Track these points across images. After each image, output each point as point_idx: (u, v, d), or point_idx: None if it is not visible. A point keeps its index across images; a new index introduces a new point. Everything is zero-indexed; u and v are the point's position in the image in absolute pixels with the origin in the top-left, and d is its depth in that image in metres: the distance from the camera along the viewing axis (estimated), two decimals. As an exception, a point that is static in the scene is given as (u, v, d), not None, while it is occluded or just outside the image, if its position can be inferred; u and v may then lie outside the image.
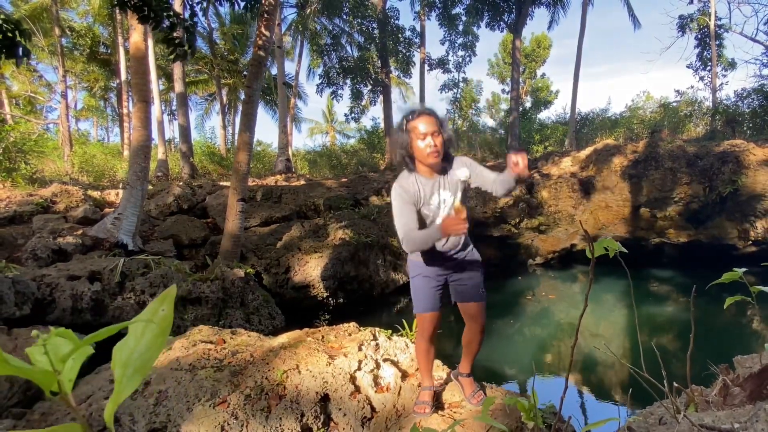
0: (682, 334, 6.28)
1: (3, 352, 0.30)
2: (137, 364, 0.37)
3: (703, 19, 16.64)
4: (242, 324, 5.13)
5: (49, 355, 0.34)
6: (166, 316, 0.39)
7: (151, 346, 0.38)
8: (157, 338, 0.38)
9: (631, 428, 1.14)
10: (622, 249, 1.01)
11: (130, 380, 0.36)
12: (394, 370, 2.76)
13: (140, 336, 0.38)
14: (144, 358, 0.37)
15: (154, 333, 0.38)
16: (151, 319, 0.39)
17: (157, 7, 4.72)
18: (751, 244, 9.39)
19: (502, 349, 5.89)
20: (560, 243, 10.66)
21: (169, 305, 0.40)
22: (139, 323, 0.39)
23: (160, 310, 0.39)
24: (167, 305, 0.40)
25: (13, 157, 9.89)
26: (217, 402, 2.46)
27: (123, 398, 0.36)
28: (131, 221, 6.47)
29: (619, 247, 1.01)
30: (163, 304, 0.40)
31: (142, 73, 6.70)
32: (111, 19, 17.42)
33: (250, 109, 6.61)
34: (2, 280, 4.05)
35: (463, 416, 2.40)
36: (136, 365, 0.37)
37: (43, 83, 23.61)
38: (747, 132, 13.45)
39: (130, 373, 0.36)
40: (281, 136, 14.85)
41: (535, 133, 19.18)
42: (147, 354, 0.37)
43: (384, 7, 16.45)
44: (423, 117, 2.20)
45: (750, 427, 1.00)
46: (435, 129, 2.18)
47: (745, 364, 1.53)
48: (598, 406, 4.44)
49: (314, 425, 2.49)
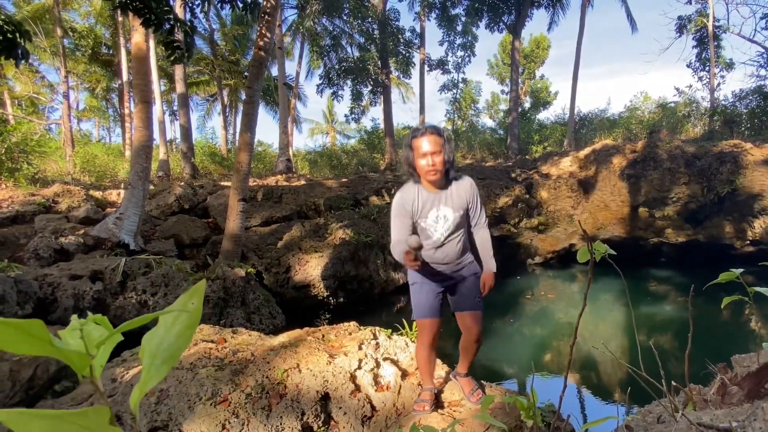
0: (680, 333, 6.28)
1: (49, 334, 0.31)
2: (165, 354, 0.38)
3: (701, 20, 16.64)
4: (243, 323, 5.13)
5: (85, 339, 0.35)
6: (196, 308, 0.40)
7: (180, 337, 0.38)
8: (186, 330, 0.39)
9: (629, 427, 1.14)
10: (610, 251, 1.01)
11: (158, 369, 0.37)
12: (394, 369, 2.76)
13: (170, 326, 0.39)
14: (173, 348, 0.38)
15: (183, 324, 0.39)
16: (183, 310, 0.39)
17: (158, 10, 4.72)
18: (749, 244, 9.39)
19: (502, 348, 5.89)
20: (559, 243, 10.66)
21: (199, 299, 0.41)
22: (169, 314, 0.39)
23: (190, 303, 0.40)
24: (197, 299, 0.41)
25: (16, 157, 9.88)
26: (218, 401, 2.46)
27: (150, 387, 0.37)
28: (133, 221, 6.47)
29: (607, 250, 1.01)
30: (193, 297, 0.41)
31: (143, 73, 6.70)
32: (113, 20, 17.43)
33: (251, 109, 6.61)
34: (4, 279, 4.05)
35: (463, 415, 2.40)
36: (165, 355, 0.37)
37: (45, 84, 23.59)
38: (745, 132, 13.45)
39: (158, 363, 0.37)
40: (282, 137, 14.84)
41: (535, 133, 19.18)
42: (176, 344, 0.38)
43: (384, 8, 16.45)
44: (426, 136, 2.27)
45: (748, 426, 1.00)
46: (437, 149, 2.25)
47: (742, 363, 1.53)
48: (596, 405, 4.44)
49: (315, 424, 2.49)
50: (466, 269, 2.46)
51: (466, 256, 2.49)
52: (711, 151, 10.07)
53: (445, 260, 2.41)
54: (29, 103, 22.53)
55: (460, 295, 2.46)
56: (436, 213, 2.34)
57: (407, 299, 7.96)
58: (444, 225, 2.35)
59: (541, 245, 10.72)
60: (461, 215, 2.37)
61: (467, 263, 2.48)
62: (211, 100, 26.17)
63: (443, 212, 2.34)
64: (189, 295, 0.41)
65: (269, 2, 6.43)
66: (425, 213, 2.34)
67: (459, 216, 2.36)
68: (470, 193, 2.40)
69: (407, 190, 2.36)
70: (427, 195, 2.34)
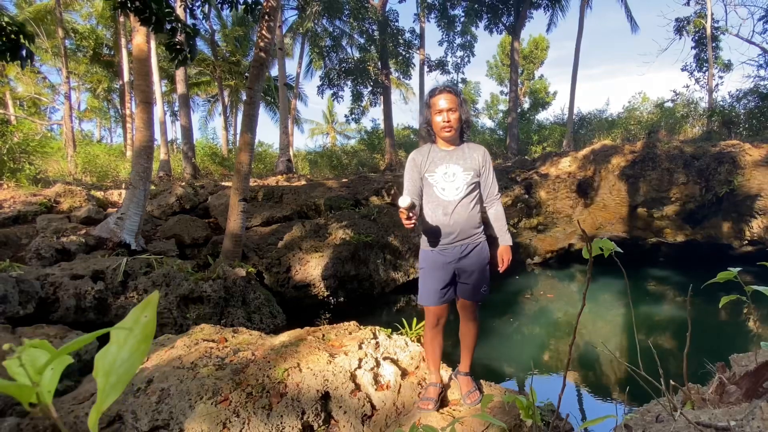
0: (678, 332, 6.28)
1: None
2: (120, 371, 0.36)
3: (699, 22, 16.64)
4: (244, 323, 5.13)
5: (26, 367, 0.33)
6: (148, 322, 0.38)
7: (133, 354, 0.37)
8: (139, 345, 0.37)
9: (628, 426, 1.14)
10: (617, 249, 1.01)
11: (113, 388, 0.35)
12: (394, 369, 2.76)
13: (123, 343, 0.38)
14: (126, 366, 0.36)
15: (137, 340, 0.37)
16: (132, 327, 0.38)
17: (158, 11, 4.72)
18: (747, 244, 9.39)
19: (501, 347, 5.89)
20: (558, 242, 10.66)
21: (152, 311, 0.39)
22: (122, 330, 0.38)
23: (143, 317, 0.39)
24: (149, 311, 0.39)
25: (17, 157, 9.88)
26: (219, 400, 2.46)
27: (106, 407, 0.35)
28: (134, 221, 6.47)
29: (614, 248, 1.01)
30: (145, 310, 0.39)
31: (144, 74, 6.70)
32: (114, 21, 17.43)
33: (252, 110, 6.61)
34: (6, 279, 4.05)
35: (463, 414, 2.40)
36: (119, 373, 0.36)
37: (46, 84, 23.61)
38: (743, 133, 13.45)
39: (113, 382, 0.36)
40: (282, 137, 14.84)
41: (534, 133, 19.17)
42: (129, 362, 0.37)
43: (384, 9, 16.45)
44: (443, 94, 2.32)
45: (746, 425, 1.00)
46: (452, 106, 2.31)
47: (740, 362, 1.53)
48: (595, 404, 4.44)
49: (315, 423, 2.49)
50: (475, 254, 2.38)
51: (477, 234, 2.41)
52: (709, 151, 10.07)
53: (455, 231, 2.34)
54: (31, 103, 22.53)
55: (467, 286, 2.44)
56: (445, 169, 2.35)
57: (407, 299, 7.99)
58: (453, 184, 2.34)
59: (540, 245, 10.72)
60: (471, 177, 2.36)
61: (477, 244, 2.40)
62: (213, 101, 26.18)
63: (452, 169, 2.35)
64: (141, 308, 0.39)
65: (269, 3, 6.42)
66: (433, 168, 2.37)
67: (469, 177, 2.35)
68: (483, 158, 2.42)
69: (419, 149, 2.46)
70: (439, 151, 2.40)
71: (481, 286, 2.44)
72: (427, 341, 2.53)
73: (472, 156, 2.39)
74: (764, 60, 16.78)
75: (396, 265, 7.86)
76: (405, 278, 7.84)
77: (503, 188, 10.74)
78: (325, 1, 15.04)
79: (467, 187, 2.35)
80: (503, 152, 17.37)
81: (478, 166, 2.38)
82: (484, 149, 2.46)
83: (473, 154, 2.40)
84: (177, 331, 4.51)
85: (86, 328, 4.25)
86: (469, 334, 2.54)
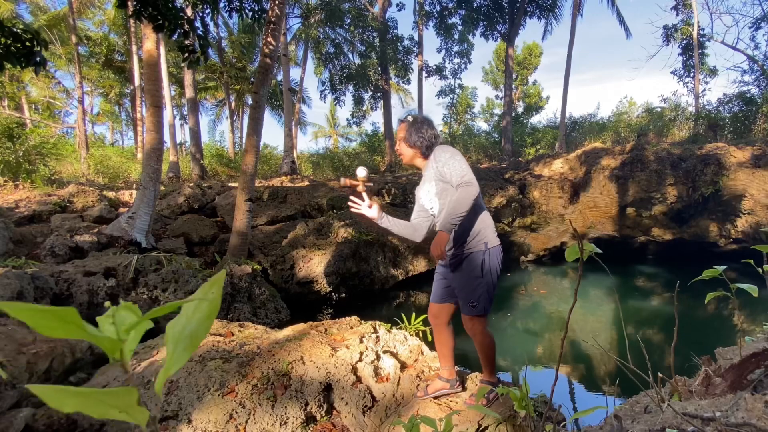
0: (666, 327, 6.28)
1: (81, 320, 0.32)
2: (187, 341, 0.38)
3: (686, 29, 16.62)
4: (249, 317, 5.12)
5: (117, 325, 0.36)
6: (214, 298, 0.40)
7: (200, 326, 0.39)
8: (206, 319, 0.39)
9: (617, 416, 1.14)
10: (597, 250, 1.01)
11: (180, 355, 0.37)
12: (394, 362, 2.75)
13: (192, 315, 0.39)
14: (193, 335, 0.38)
15: (204, 313, 0.39)
16: (200, 302, 0.40)
17: (171, 16, 4.71)
18: (732, 242, 9.39)
19: (496, 341, 5.88)
20: (551, 241, 10.66)
21: (218, 289, 0.40)
22: (191, 303, 0.40)
23: (210, 293, 0.40)
24: (216, 289, 0.40)
25: (33, 159, 9.88)
26: (226, 391, 2.46)
27: (173, 371, 0.37)
28: (144, 220, 6.47)
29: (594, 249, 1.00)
30: (213, 287, 0.41)
31: (154, 79, 6.69)
32: (125, 28, 17.40)
33: (257, 113, 6.61)
34: (22, 275, 4.05)
35: (459, 406, 2.40)
36: (186, 342, 0.38)
37: (61, 89, 23.59)
38: (728, 136, 13.44)
39: (180, 349, 0.38)
40: (286, 140, 14.83)
41: (527, 136, 19.16)
42: (196, 332, 0.38)
43: (384, 17, 16.43)
44: (399, 125, 2.40)
45: (731, 416, 0.99)
46: (401, 135, 2.36)
47: (726, 355, 1.53)
48: (586, 396, 4.44)
49: (318, 413, 2.49)
50: (462, 267, 2.25)
51: (467, 245, 2.23)
52: (696, 153, 10.06)
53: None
54: (46, 107, 22.51)
55: (459, 297, 2.33)
56: (425, 188, 2.38)
57: (406, 295, 7.97)
58: (429, 195, 2.36)
59: (534, 243, 10.71)
60: (436, 185, 2.25)
61: (465, 257, 2.23)
62: (220, 105, 26.15)
63: (426, 187, 2.37)
64: (209, 285, 0.41)
65: (274, 12, 6.42)
66: (419, 191, 2.44)
67: (432, 190, 2.30)
68: (435, 162, 2.23)
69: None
70: (422, 174, 2.44)
71: (469, 300, 2.23)
72: (435, 339, 2.55)
73: (431, 166, 2.27)
74: (749, 66, 16.76)
75: (396, 262, 7.86)
76: (404, 275, 7.84)
77: (498, 188, 10.73)
78: (327, 10, 15.02)
79: (435, 193, 2.28)
80: (498, 154, 17.36)
81: (437, 172, 2.23)
82: (436, 151, 2.26)
83: (430, 164, 2.27)
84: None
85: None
86: (476, 346, 2.38)
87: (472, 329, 2.32)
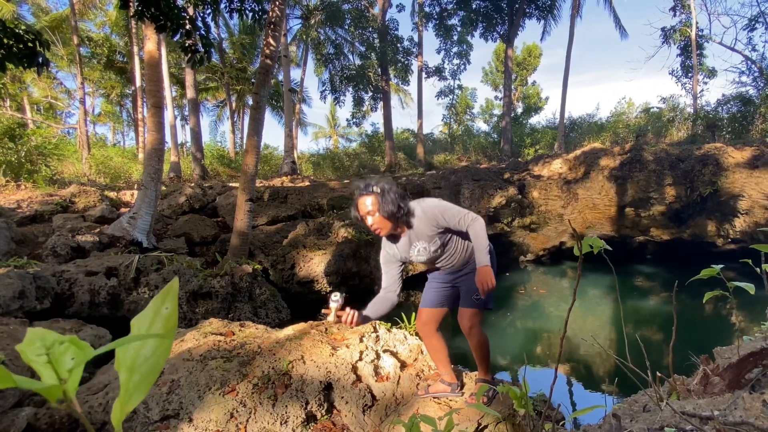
0: (664, 326, 6.28)
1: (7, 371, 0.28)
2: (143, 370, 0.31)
3: (685, 30, 16.61)
4: (250, 317, 5.13)
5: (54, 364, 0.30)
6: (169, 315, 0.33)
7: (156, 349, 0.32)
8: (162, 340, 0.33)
9: (616, 415, 1.14)
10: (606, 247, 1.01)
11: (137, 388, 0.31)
12: (394, 361, 2.76)
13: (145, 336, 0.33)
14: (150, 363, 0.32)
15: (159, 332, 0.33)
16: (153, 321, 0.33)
17: (173, 16, 4.72)
18: (730, 242, 9.39)
19: (496, 340, 5.89)
20: (550, 241, 10.66)
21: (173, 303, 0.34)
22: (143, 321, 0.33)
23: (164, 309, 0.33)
24: (170, 303, 0.33)
25: (35, 159, 9.88)
26: (227, 390, 2.45)
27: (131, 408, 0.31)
28: (146, 220, 6.46)
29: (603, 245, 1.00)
30: (165, 301, 0.33)
31: (155, 80, 6.69)
32: (126, 29, 17.40)
33: (258, 114, 6.61)
34: (24, 275, 4.05)
35: (459, 404, 2.40)
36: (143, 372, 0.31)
37: (62, 90, 23.58)
38: (726, 136, 13.43)
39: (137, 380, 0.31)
40: (287, 140, 14.83)
41: (527, 137, 19.16)
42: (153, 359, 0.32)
43: (383, 19, 16.43)
44: (361, 198, 2.19)
45: (729, 414, 0.99)
46: (371, 209, 2.16)
47: (724, 354, 1.53)
48: (585, 395, 4.44)
49: (318, 412, 2.49)
50: (465, 272, 2.43)
51: (466, 264, 2.42)
52: (694, 153, 10.06)
53: (449, 267, 2.42)
54: (47, 108, 22.51)
55: (462, 293, 2.44)
56: (416, 248, 2.30)
57: (406, 294, 7.97)
58: (428, 251, 2.31)
59: (533, 243, 10.72)
60: (439, 239, 2.28)
61: (468, 267, 2.41)
62: (221, 106, 26.15)
63: (420, 246, 2.29)
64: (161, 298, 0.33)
65: (275, 13, 6.42)
66: (408, 253, 2.31)
67: (436, 243, 2.28)
68: (434, 221, 2.22)
69: (385, 244, 2.36)
70: (400, 240, 2.30)
71: (474, 293, 2.31)
72: (425, 345, 2.60)
73: (425, 228, 2.24)
74: (746, 67, 16.77)
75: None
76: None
77: (498, 189, 10.73)
78: (327, 11, 15.02)
79: (438, 245, 2.30)
80: (497, 155, 17.36)
81: (435, 229, 2.24)
82: (428, 207, 2.25)
83: (423, 227, 2.24)
84: (186, 325, 4.51)
85: (100, 323, 4.25)
86: (471, 345, 2.43)
87: (469, 318, 2.37)
